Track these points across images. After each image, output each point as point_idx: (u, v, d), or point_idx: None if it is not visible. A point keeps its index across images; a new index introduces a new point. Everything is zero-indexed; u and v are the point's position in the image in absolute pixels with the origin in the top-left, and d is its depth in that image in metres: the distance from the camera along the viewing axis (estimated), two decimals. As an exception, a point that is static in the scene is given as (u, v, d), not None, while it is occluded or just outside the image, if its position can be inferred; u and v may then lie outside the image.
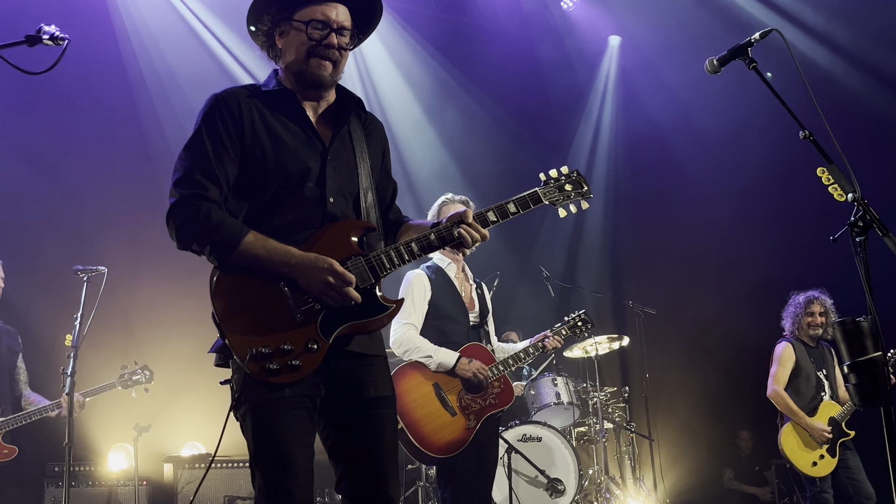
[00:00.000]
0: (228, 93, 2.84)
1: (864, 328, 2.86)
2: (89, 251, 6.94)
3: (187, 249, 2.74)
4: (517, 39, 10.60)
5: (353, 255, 2.75)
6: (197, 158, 2.73)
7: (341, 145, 2.92)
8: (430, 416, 4.78)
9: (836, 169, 3.05)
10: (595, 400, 7.66)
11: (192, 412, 7.63)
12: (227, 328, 2.64)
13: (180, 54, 8.64)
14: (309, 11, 2.83)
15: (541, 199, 3.07)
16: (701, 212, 10.44)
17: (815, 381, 6.50)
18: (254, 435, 2.67)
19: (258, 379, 2.61)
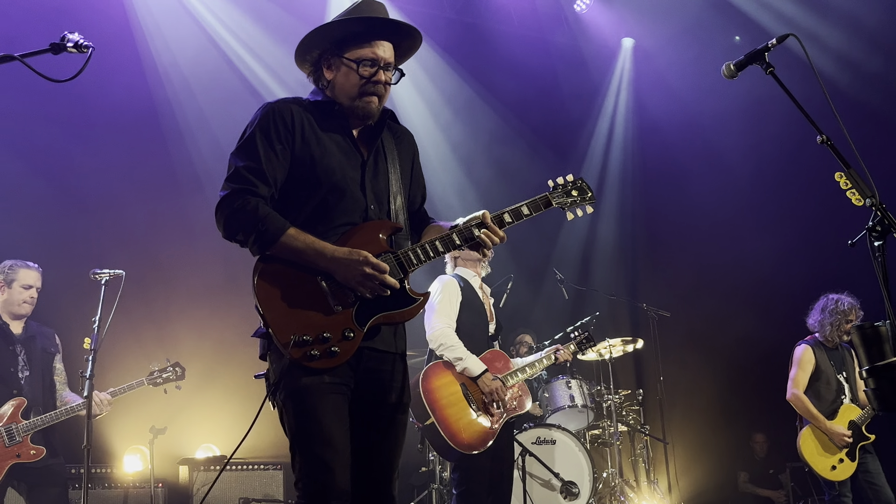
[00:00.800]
0: (282, 102, 3.07)
1: (883, 333, 2.87)
2: (108, 254, 6.99)
3: (232, 239, 2.94)
4: (530, 41, 10.60)
5: (383, 252, 2.95)
6: (249, 158, 2.94)
7: (378, 155, 3.15)
8: (459, 413, 4.93)
9: (854, 173, 3.05)
10: (609, 403, 7.66)
11: (207, 415, 7.67)
12: (269, 317, 2.83)
13: (199, 62, 8.65)
14: (359, 51, 3.06)
15: (551, 203, 3.30)
16: (715, 214, 10.42)
17: (836, 385, 6.45)
18: (296, 416, 2.84)
19: (300, 364, 2.80)
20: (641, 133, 11.26)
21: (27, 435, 5.41)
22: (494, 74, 10.37)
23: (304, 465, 2.81)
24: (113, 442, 7.19)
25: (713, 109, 10.02)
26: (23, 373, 5.63)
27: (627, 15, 10.75)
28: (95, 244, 7.58)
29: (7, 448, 5.34)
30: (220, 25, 8.86)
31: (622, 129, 11.33)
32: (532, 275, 9.78)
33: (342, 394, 2.89)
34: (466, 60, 10.22)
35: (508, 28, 10.51)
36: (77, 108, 7.56)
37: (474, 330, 5.17)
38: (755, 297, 9.77)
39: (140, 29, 8.35)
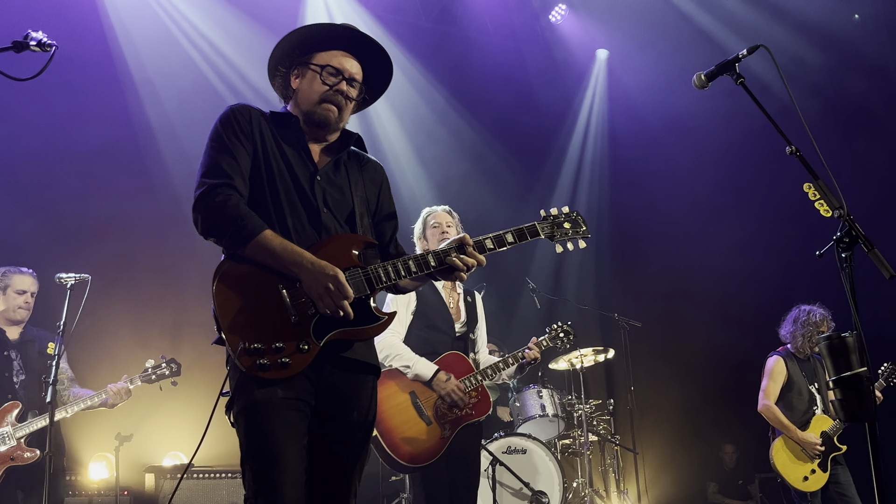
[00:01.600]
0: (242, 105, 3.06)
1: (850, 344, 2.88)
2: (72, 259, 6.91)
3: (208, 235, 2.88)
4: (506, 51, 10.63)
5: (353, 267, 2.90)
6: (221, 153, 2.92)
7: (334, 171, 3.11)
8: (405, 424, 4.78)
9: (822, 184, 3.06)
10: (580, 412, 7.66)
11: (174, 422, 7.58)
12: (224, 323, 2.76)
13: (170, 62, 8.62)
14: (326, 57, 3.09)
15: (538, 233, 3.28)
16: (687, 226, 10.47)
17: (808, 396, 6.48)
18: (246, 432, 2.78)
19: (248, 373, 2.72)
20: (614, 144, 11.32)
21: (22, 438, 5.37)
22: (470, 83, 10.38)
23: (253, 482, 2.75)
24: (78, 449, 7.09)
25: (685, 121, 10.08)
26: (18, 377, 5.60)
27: (601, 26, 10.81)
28: (62, 248, 7.48)
29: (1, 452, 5.31)
30: (190, 28, 8.83)
31: (595, 140, 11.38)
32: (505, 284, 9.77)
33: (298, 410, 2.81)
34: (442, 69, 10.22)
35: (484, 37, 10.53)
36: (41, 109, 7.46)
37: (436, 331, 5.04)
38: (726, 308, 9.81)
39: (112, 29, 8.29)
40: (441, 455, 4.78)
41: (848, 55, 9.64)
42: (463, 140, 10.38)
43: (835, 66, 9.64)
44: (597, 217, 11.32)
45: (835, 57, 9.64)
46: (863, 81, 9.71)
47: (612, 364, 8.96)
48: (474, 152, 10.42)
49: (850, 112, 9.82)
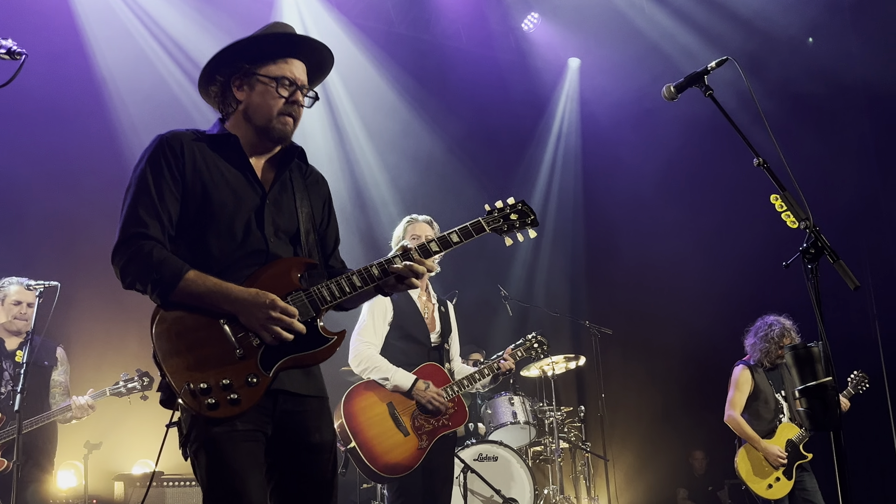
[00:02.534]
0: (173, 134, 2.88)
1: (816, 354, 2.91)
2: (40, 266, 6.85)
3: (132, 288, 2.76)
4: (479, 58, 10.66)
5: (294, 291, 2.79)
6: (140, 197, 2.77)
7: (282, 190, 2.97)
8: (383, 435, 4.81)
9: (789, 196, 3.10)
10: (551, 419, 7.68)
11: (143, 430, 7.49)
12: (167, 367, 2.63)
13: (138, 63, 8.58)
14: (276, 68, 2.92)
15: (484, 229, 3.11)
16: (657, 235, 10.55)
17: (774, 404, 6.52)
18: (207, 470, 2.66)
19: (198, 414, 2.61)
20: (586, 153, 11.38)
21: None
22: (443, 90, 10.39)
23: None
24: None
25: (656, 129, 10.16)
26: (5, 388, 5.54)
27: (573, 35, 10.87)
28: (35, 256, 7.42)
29: None
30: (160, 32, 8.79)
31: (567, 147, 11.44)
32: (477, 291, 9.79)
33: (257, 440, 2.72)
34: (415, 75, 10.23)
35: (458, 44, 10.56)
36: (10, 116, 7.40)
37: (412, 342, 5.06)
38: (696, 317, 9.88)
39: (86, 37, 8.23)
40: (418, 465, 4.80)
41: (808, 64, 9.76)
42: (435, 146, 10.38)
43: (796, 76, 9.76)
44: (571, 224, 11.39)
45: (796, 66, 9.76)
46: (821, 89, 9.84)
47: (583, 371, 8.99)
48: (447, 158, 10.43)
49: (816, 122, 9.94)
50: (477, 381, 5.20)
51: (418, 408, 4.90)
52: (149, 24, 8.71)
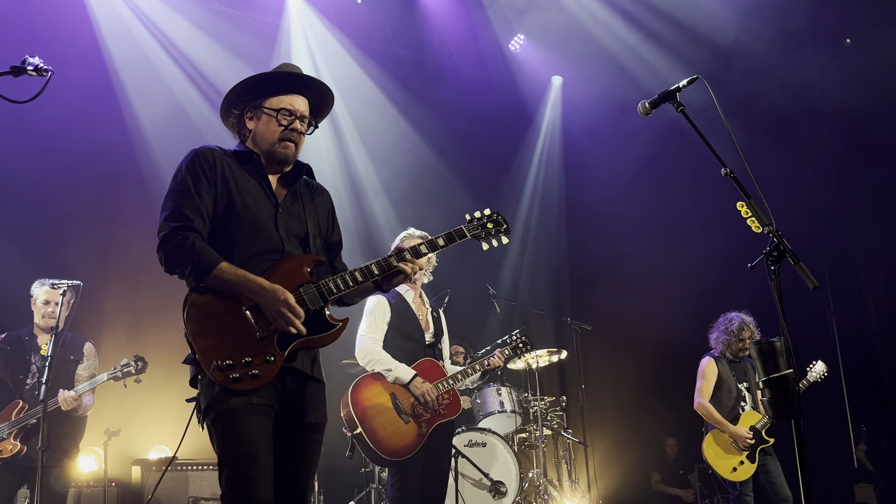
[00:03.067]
0: (206, 148, 3.14)
1: (778, 348, 2.92)
2: (64, 264, 6.84)
3: (172, 272, 2.99)
4: (470, 76, 10.67)
5: (305, 283, 3.01)
6: (183, 197, 3.00)
7: (292, 201, 3.21)
8: (386, 422, 4.86)
9: (753, 203, 3.11)
10: (535, 408, 7.68)
11: (159, 418, 7.51)
12: (197, 345, 2.86)
13: (150, 79, 8.56)
14: (277, 101, 3.17)
15: (465, 235, 3.35)
16: (633, 239, 10.57)
17: (736, 394, 6.54)
18: (224, 435, 2.86)
19: (223, 386, 2.83)
20: (568, 163, 11.39)
21: (11, 432, 5.35)
22: (435, 105, 10.39)
23: (231, 478, 2.83)
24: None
25: (631, 142, 10.17)
26: (32, 379, 5.54)
27: (556, 55, 10.90)
28: (64, 255, 7.39)
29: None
30: (171, 46, 8.77)
31: (551, 159, 11.45)
32: (468, 290, 9.79)
33: (267, 415, 2.92)
34: (410, 92, 10.22)
35: (450, 63, 10.57)
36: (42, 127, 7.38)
37: (409, 340, 5.13)
38: (667, 315, 9.88)
39: (107, 48, 8.22)
40: (417, 450, 4.85)
41: (775, 81, 9.80)
42: (427, 159, 10.38)
43: (762, 91, 9.79)
44: (555, 229, 11.40)
45: (763, 81, 9.80)
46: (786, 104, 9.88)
47: (564, 364, 8.99)
48: (438, 170, 10.43)
49: (778, 134, 9.98)
50: (469, 376, 5.29)
51: (415, 401, 4.96)
52: (163, 42, 8.69)
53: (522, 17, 10.44)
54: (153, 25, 8.61)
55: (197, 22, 8.76)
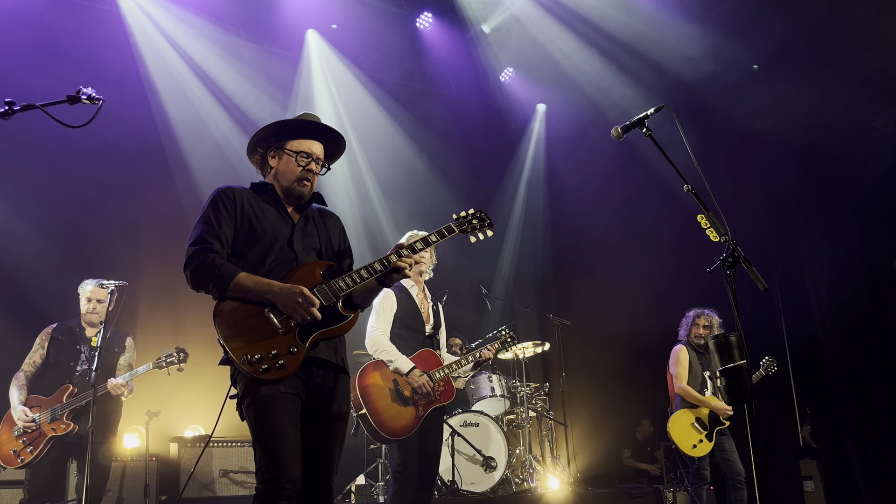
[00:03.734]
0: (227, 187, 3.22)
1: (733, 341, 2.94)
2: (112, 265, 6.84)
3: (198, 288, 3.05)
4: (465, 103, 10.68)
5: (318, 284, 3.04)
6: (205, 226, 3.08)
7: (304, 223, 3.26)
8: (388, 405, 4.85)
9: (712, 215, 3.13)
10: (522, 393, 7.69)
11: (194, 401, 7.50)
12: (228, 347, 2.90)
13: (197, 104, 8.60)
14: (297, 144, 3.24)
15: (454, 230, 3.38)
16: (609, 243, 10.59)
17: (701, 380, 6.53)
18: (256, 419, 2.88)
19: (254, 377, 2.85)
20: (551, 179, 11.41)
21: (64, 413, 5.34)
22: (433, 129, 10.40)
23: (263, 455, 2.85)
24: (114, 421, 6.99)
25: (609, 160, 10.19)
26: (81, 366, 5.54)
27: (540, 85, 10.93)
28: (112, 256, 7.40)
29: (49, 424, 5.32)
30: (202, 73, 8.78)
31: (536, 176, 11.46)
32: (463, 289, 9.80)
33: (294, 402, 2.94)
34: (411, 117, 10.23)
35: (447, 92, 10.58)
36: (94, 144, 7.39)
37: (412, 331, 5.12)
38: (638, 312, 9.89)
39: (150, 80, 8.23)
40: (415, 430, 4.84)
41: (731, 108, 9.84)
42: (431, 174, 10.38)
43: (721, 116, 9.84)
44: (541, 237, 11.40)
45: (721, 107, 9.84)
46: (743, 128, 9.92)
47: (547, 354, 9.00)
48: (437, 186, 10.43)
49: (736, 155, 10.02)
50: (462, 366, 5.28)
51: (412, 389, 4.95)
52: (196, 71, 8.70)
53: (510, 52, 10.48)
54: (189, 58, 8.63)
55: (226, 54, 8.77)
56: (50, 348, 5.57)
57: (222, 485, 6.57)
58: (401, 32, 9.85)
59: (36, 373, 5.53)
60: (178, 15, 8.40)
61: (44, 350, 5.56)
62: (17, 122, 2.86)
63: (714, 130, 9.70)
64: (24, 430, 5.29)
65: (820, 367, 10.33)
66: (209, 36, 8.61)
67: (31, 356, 5.57)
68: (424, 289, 5.38)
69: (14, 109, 2.57)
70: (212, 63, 8.72)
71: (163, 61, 8.37)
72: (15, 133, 6.47)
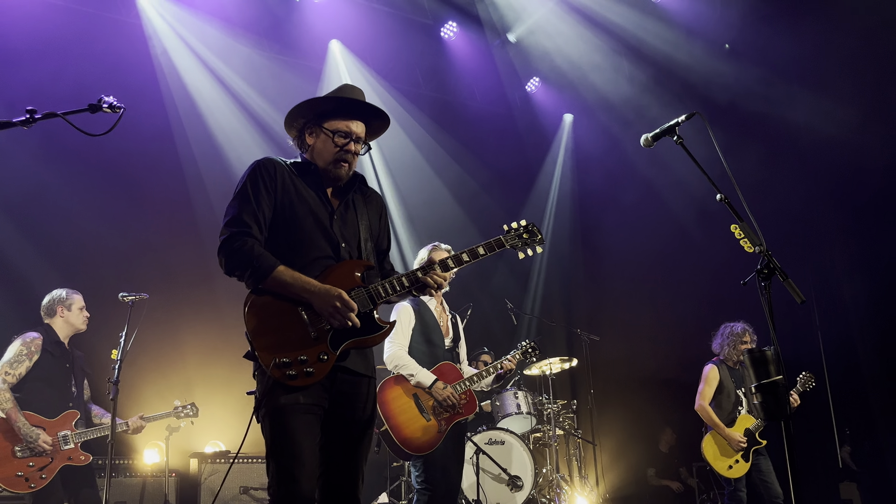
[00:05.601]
0: (267, 159, 3.06)
1: (769, 356, 2.88)
2: (135, 279, 6.89)
3: (232, 274, 2.90)
4: (490, 114, 10.70)
5: (357, 287, 2.92)
6: (243, 204, 2.92)
7: (346, 208, 3.12)
8: (410, 420, 4.81)
9: (745, 226, 3.08)
10: (549, 410, 7.62)
11: (214, 417, 7.52)
12: (256, 344, 2.80)
13: (217, 115, 8.67)
14: (336, 123, 3.05)
15: (504, 245, 3.26)
16: (640, 256, 10.50)
17: (735, 398, 6.45)
18: (271, 432, 2.78)
19: (280, 381, 2.75)
20: (580, 191, 11.38)
21: (78, 442, 5.29)
22: (460, 140, 10.42)
23: (276, 474, 2.75)
24: (135, 438, 7.02)
25: (638, 169, 10.14)
26: (73, 389, 5.47)
27: (567, 95, 10.92)
28: (126, 271, 7.46)
29: (62, 451, 5.20)
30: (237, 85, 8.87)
31: (565, 186, 11.44)
32: (487, 304, 9.76)
33: (314, 413, 2.82)
34: (439, 127, 10.26)
35: (473, 103, 10.60)
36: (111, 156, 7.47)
37: (431, 345, 5.09)
38: (670, 325, 9.80)
39: (169, 91, 8.32)
40: (438, 445, 4.81)
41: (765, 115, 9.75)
42: (455, 187, 10.39)
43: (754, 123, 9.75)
44: (569, 249, 11.35)
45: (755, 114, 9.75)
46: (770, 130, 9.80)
47: (575, 371, 8.90)
48: (464, 196, 10.44)
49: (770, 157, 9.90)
50: (483, 378, 5.24)
51: (436, 402, 4.92)
52: (222, 85, 8.79)
53: (536, 61, 10.48)
54: (211, 69, 8.72)
55: (248, 65, 8.85)
56: (41, 362, 5.30)
57: (243, 502, 6.57)
58: (425, 42, 9.90)
59: (16, 385, 5.19)
60: (199, 26, 8.51)
61: (30, 363, 5.25)
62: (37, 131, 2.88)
63: (746, 138, 9.60)
64: (35, 453, 5.09)
65: (860, 386, 10.13)
66: (231, 47, 8.71)
67: (15, 366, 5.19)
68: (443, 301, 5.36)
69: (35, 118, 2.60)
70: (233, 74, 8.82)
71: (184, 72, 8.47)
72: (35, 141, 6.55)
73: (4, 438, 5.08)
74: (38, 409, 5.22)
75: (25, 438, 5.06)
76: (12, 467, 5.04)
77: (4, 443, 5.08)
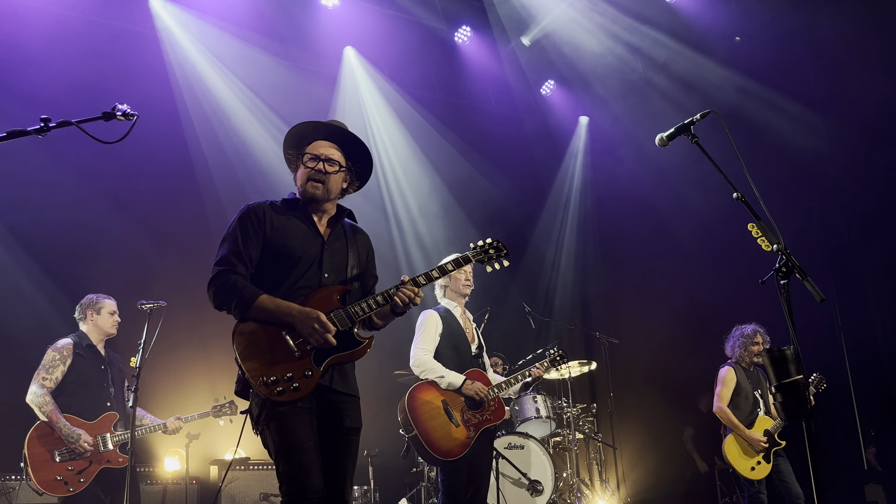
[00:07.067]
0: (256, 203, 3.30)
1: (788, 356, 2.84)
2: (153, 287, 6.94)
3: (221, 308, 3.15)
4: (505, 118, 10.69)
5: (335, 308, 3.15)
6: (231, 245, 3.18)
7: (336, 239, 3.36)
8: (439, 426, 4.84)
9: (763, 224, 3.05)
10: (568, 414, 7.59)
11: (235, 424, 7.54)
12: (245, 367, 3.02)
13: (231, 124, 8.72)
14: (309, 148, 3.33)
15: (470, 260, 3.52)
16: (657, 258, 10.45)
17: (752, 400, 6.42)
18: (277, 434, 2.98)
19: (269, 398, 2.98)
20: (597, 193, 11.33)
21: (117, 445, 5.34)
22: (475, 144, 10.41)
23: (287, 469, 2.94)
24: (155, 446, 7.07)
25: (653, 170, 10.08)
26: (110, 389, 5.52)
27: (582, 98, 10.90)
28: (144, 280, 7.51)
29: (101, 453, 5.25)
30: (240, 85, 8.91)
31: (582, 189, 11.41)
32: (505, 308, 9.74)
33: (311, 415, 3.05)
34: (453, 132, 10.27)
35: (487, 107, 10.61)
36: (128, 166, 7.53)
37: (458, 351, 5.12)
38: (685, 330, 9.72)
39: (184, 102, 8.37)
40: (466, 451, 4.83)
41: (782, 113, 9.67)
42: (472, 190, 10.39)
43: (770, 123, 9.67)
44: (583, 250, 11.31)
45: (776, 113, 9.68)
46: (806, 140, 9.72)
47: (594, 374, 8.88)
48: (480, 199, 10.43)
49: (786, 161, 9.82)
50: (512, 385, 5.27)
51: (466, 402, 4.94)
52: (236, 93, 8.84)
53: (550, 64, 10.46)
54: (226, 76, 8.78)
55: (262, 72, 8.89)
56: (75, 366, 5.38)
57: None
58: (439, 47, 9.92)
59: (55, 390, 5.29)
60: (213, 34, 8.57)
61: (65, 367, 5.34)
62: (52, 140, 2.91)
63: (761, 136, 9.53)
64: (75, 456, 5.13)
65: (885, 385, 9.99)
66: (245, 54, 8.76)
67: (51, 371, 5.29)
68: (465, 311, 5.38)
69: (50, 126, 2.63)
70: (248, 81, 8.86)
71: (198, 81, 8.53)
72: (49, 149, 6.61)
73: (44, 443, 5.15)
74: (77, 411, 5.31)
75: (67, 439, 5.14)
76: (52, 471, 5.11)
77: (44, 447, 5.15)
